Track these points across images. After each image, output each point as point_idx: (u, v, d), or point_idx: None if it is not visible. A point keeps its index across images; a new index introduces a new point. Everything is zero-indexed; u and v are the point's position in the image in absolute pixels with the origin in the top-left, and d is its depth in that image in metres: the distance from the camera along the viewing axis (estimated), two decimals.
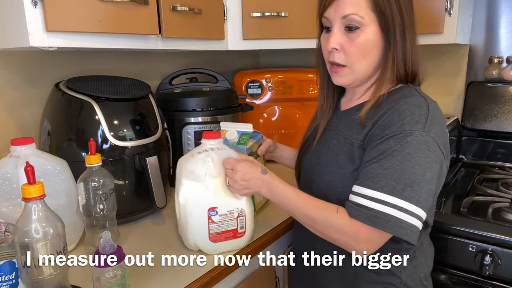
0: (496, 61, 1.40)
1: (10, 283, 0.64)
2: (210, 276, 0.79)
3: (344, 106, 0.89)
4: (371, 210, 0.69)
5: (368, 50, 0.77)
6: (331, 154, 0.82)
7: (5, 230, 0.72)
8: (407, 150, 0.69)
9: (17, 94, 1.08)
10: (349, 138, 0.80)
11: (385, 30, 0.76)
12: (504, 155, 1.41)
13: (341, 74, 0.81)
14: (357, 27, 0.76)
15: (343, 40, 0.77)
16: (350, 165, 0.78)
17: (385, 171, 0.69)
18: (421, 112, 0.72)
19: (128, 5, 0.91)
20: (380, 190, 0.69)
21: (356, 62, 0.78)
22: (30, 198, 0.63)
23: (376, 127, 0.74)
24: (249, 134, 1.02)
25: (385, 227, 0.68)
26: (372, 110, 0.78)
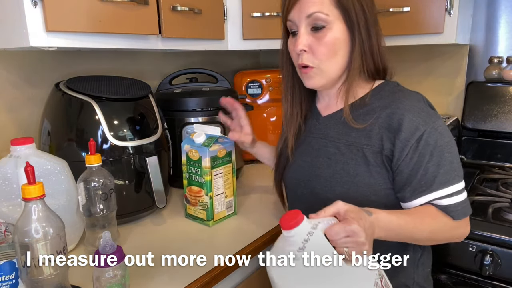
0: (496, 61, 1.40)
1: (10, 283, 0.65)
2: (210, 276, 0.79)
3: (325, 111, 0.87)
4: (462, 202, 0.74)
5: (336, 48, 0.77)
6: (335, 164, 0.80)
7: (5, 230, 0.72)
8: (445, 139, 0.74)
9: (17, 94, 1.08)
10: (354, 144, 0.78)
11: (350, 27, 0.76)
12: (504, 155, 1.41)
13: (311, 75, 0.79)
14: (323, 25, 0.75)
15: (311, 40, 0.77)
16: (364, 172, 0.77)
17: (445, 167, 0.73)
18: (424, 103, 0.77)
19: (128, 5, 0.91)
20: (452, 184, 0.74)
21: (325, 62, 0.77)
22: (30, 198, 0.63)
23: (396, 131, 0.74)
24: (215, 137, 1.03)
25: (470, 209, 0.77)
26: (364, 110, 0.78)
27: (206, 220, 1.03)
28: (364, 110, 0.79)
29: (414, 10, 1.19)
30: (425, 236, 0.76)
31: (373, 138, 0.76)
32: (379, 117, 0.76)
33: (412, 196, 0.75)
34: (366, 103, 0.79)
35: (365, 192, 0.76)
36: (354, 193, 0.77)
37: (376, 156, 0.76)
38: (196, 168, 1.02)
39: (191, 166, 1.03)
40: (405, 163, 0.74)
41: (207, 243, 0.95)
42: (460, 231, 0.78)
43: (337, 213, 0.63)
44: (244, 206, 1.15)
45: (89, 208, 0.87)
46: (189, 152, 1.03)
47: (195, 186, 1.03)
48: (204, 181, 1.01)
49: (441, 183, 0.73)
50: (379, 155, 0.76)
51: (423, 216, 0.74)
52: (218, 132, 1.03)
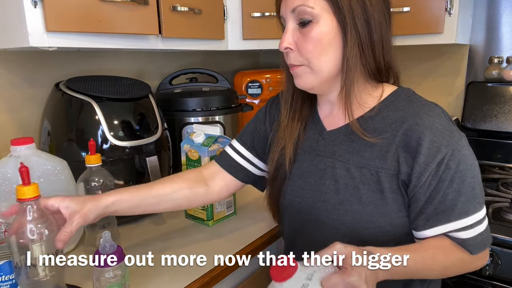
0: (496, 61, 1.40)
1: (10, 283, 0.64)
2: (210, 276, 0.79)
3: (329, 123, 0.76)
4: (481, 234, 0.66)
5: (324, 44, 0.67)
6: (345, 189, 0.70)
7: (5, 230, 0.72)
8: (468, 162, 0.65)
9: (17, 94, 1.08)
10: (367, 167, 0.68)
11: (341, 20, 0.66)
12: (504, 155, 1.41)
13: (299, 72, 0.70)
14: (309, 20, 0.66)
15: (297, 37, 0.68)
16: (379, 200, 0.67)
17: (466, 194, 0.64)
18: (446, 119, 0.67)
19: (128, 5, 0.91)
20: (472, 213, 0.65)
21: (314, 60, 0.68)
22: (25, 199, 0.62)
23: (415, 152, 0.64)
24: (214, 137, 1.03)
25: (490, 238, 0.68)
26: (376, 122, 0.69)
27: (206, 220, 1.02)
28: (376, 122, 0.69)
29: (414, 10, 1.19)
30: (436, 274, 0.68)
31: (388, 160, 0.67)
32: (396, 135, 0.66)
33: (425, 225, 0.66)
34: (381, 116, 0.69)
35: (379, 222, 0.67)
36: (366, 223, 0.68)
37: (392, 181, 0.66)
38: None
39: (190, 166, 1.03)
40: (422, 190, 0.65)
41: (207, 243, 0.95)
42: (476, 264, 0.69)
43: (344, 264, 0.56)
44: (244, 206, 1.15)
45: None
46: (189, 152, 1.03)
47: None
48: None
49: (460, 213, 0.64)
50: (395, 178, 0.66)
51: (435, 253, 0.65)
52: (218, 131, 1.03)
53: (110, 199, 0.75)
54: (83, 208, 0.70)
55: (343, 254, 0.56)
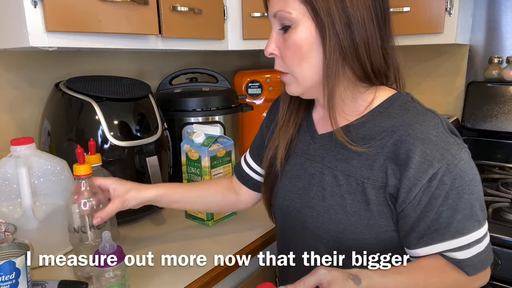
0: (496, 61, 1.40)
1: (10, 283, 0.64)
2: (210, 276, 0.79)
3: (322, 126, 0.74)
4: (479, 255, 0.61)
5: (303, 51, 0.63)
6: (331, 197, 0.67)
7: (5, 230, 0.72)
8: (467, 178, 0.60)
9: (17, 94, 1.08)
10: (354, 175, 0.65)
11: (319, 25, 0.62)
12: (504, 155, 1.41)
13: (286, 80, 0.69)
14: (289, 25, 0.64)
15: (280, 43, 0.66)
16: (363, 211, 0.64)
17: (463, 212, 0.60)
18: (443, 130, 0.62)
19: (128, 5, 0.91)
20: (470, 232, 0.60)
21: (295, 67, 0.65)
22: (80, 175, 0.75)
23: (404, 165, 0.60)
24: (215, 137, 1.02)
25: (491, 257, 0.64)
26: (367, 129, 0.66)
27: (206, 220, 1.02)
28: (366, 129, 0.66)
29: (414, 10, 1.19)
30: None
31: (375, 170, 0.63)
32: (385, 144, 0.63)
33: (419, 243, 0.62)
34: (372, 123, 0.65)
35: (364, 234, 0.64)
36: (350, 234, 0.65)
37: (378, 193, 0.63)
38: (196, 168, 1.02)
39: (190, 166, 1.03)
40: (411, 206, 0.61)
41: (207, 243, 0.95)
42: (475, 284, 0.65)
43: (319, 283, 0.56)
44: None
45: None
46: (189, 152, 1.03)
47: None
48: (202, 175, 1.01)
49: (456, 231, 0.60)
50: (382, 191, 0.63)
51: (428, 276, 0.62)
52: (218, 132, 1.03)
53: (154, 193, 0.82)
54: (126, 195, 0.79)
55: (327, 280, 0.55)
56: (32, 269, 0.69)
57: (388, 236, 0.64)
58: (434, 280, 0.62)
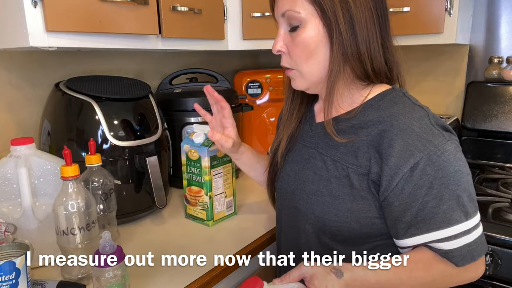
0: (496, 61, 1.40)
1: (10, 283, 0.64)
2: (210, 276, 0.79)
3: (319, 117, 0.79)
4: (468, 245, 0.62)
5: (311, 48, 0.68)
6: (319, 180, 0.71)
7: (5, 230, 0.72)
8: (450, 169, 0.61)
9: (17, 94, 1.08)
10: (340, 161, 0.69)
11: (327, 24, 0.66)
12: (504, 155, 1.41)
13: (292, 76, 0.74)
14: (297, 24, 0.68)
15: (288, 41, 0.71)
16: (347, 195, 0.67)
17: (449, 202, 0.61)
18: (428, 122, 0.64)
19: (128, 5, 0.91)
20: (456, 223, 0.61)
21: (302, 64, 0.70)
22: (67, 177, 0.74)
23: (386, 154, 0.62)
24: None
25: (484, 249, 0.64)
26: (356, 121, 0.69)
27: (206, 220, 1.03)
28: (356, 121, 0.69)
29: (414, 10, 1.19)
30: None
31: (359, 158, 0.66)
32: (370, 134, 0.66)
33: (406, 233, 0.64)
34: (362, 114, 0.69)
35: (345, 218, 0.67)
36: (333, 217, 0.68)
37: (361, 179, 0.66)
38: (196, 168, 1.02)
39: (190, 166, 1.03)
40: (394, 194, 0.63)
41: (207, 243, 0.95)
42: (467, 276, 0.65)
43: (303, 277, 0.59)
44: (244, 206, 1.15)
45: None
46: (189, 152, 1.03)
47: (195, 186, 1.03)
48: (203, 181, 1.01)
49: (442, 221, 0.61)
50: (365, 178, 0.65)
51: (413, 268, 0.63)
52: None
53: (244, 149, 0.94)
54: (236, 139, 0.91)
55: (309, 274, 0.58)
56: (32, 269, 0.70)
57: (370, 222, 0.67)
58: (419, 273, 0.63)
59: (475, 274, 0.66)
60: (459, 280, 0.66)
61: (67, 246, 0.75)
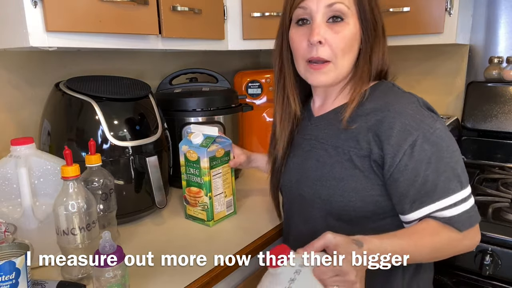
0: (496, 61, 1.40)
1: (10, 283, 0.64)
2: (210, 276, 0.79)
3: (319, 111, 0.84)
4: (467, 212, 0.68)
5: (351, 44, 0.74)
6: (322, 167, 0.77)
7: (5, 230, 0.72)
8: (444, 144, 0.69)
9: (17, 94, 1.08)
10: (341, 147, 0.75)
11: (363, 24, 0.74)
12: (504, 155, 1.41)
13: (325, 71, 0.75)
14: (342, 18, 0.73)
15: (328, 32, 0.73)
16: (350, 177, 0.73)
17: (445, 173, 0.68)
18: (419, 105, 0.71)
19: (128, 5, 0.91)
20: (454, 192, 0.68)
21: (341, 57, 0.74)
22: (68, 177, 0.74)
23: (387, 136, 0.69)
24: (213, 138, 1.01)
25: (478, 217, 0.71)
26: (357, 111, 0.75)
27: (206, 221, 1.02)
28: (357, 111, 0.75)
29: (414, 10, 1.19)
30: (426, 257, 0.71)
31: (360, 142, 0.72)
32: (368, 120, 0.72)
33: (412, 208, 0.69)
34: (359, 105, 0.75)
35: (350, 197, 0.73)
36: (339, 197, 0.74)
37: (363, 161, 0.72)
38: (195, 169, 1.01)
39: (189, 167, 1.03)
40: (398, 170, 0.69)
41: (207, 243, 0.95)
42: (466, 243, 0.71)
43: (326, 246, 0.61)
44: (244, 206, 1.15)
45: None
46: (187, 153, 1.02)
47: (194, 187, 1.03)
48: (203, 182, 1.00)
49: (442, 192, 0.67)
50: (367, 159, 0.72)
51: (422, 236, 0.68)
52: (216, 132, 1.02)
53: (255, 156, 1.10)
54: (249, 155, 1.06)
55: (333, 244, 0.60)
56: (32, 269, 0.70)
57: (374, 200, 0.73)
58: (428, 238, 0.68)
59: (473, 242, 0.72)
60: (462, 247, 0.71)
61: (67, 246, 0.75)
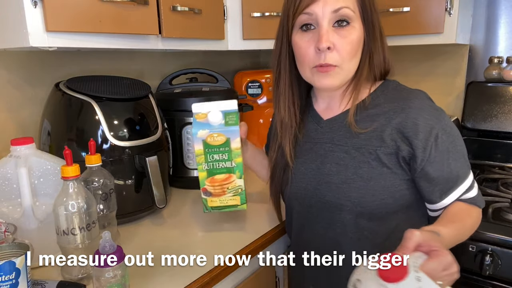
0: (496, 61, 1.40)
1: (10, 283, 0.64)
2: (210, 276, 0.79)
3: (326, 114, 0.84)
4: (478, 191, 0.77)
5: (357, 48, 0.75)
6: (345, 169, 0.77)
7: (5, 230, 0.72)
8: (455, 133, 0.75)
9: (17, 94, 1.08)
10: (365, 147, 0.76)
11: (366, 26, 0.76)
12: (504, 155, 1.41)
13: (331, 74, 0.75)
14: (348, 22, 0.73)
15: (335, 37, 0.73)
16: (379, 175, 0.74)
17: (461, 159, 0.75)
18: (430, 100, 0.77)
19: (128, 5, 0.91)
20: (468, 175, 0.76)
21: (348, 61, 0.75)
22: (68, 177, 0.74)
23: (414, 132, 0.72)
24: (236, 112, 0.85)
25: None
26: (371, 111, 0.77)
27: (240, 205, 0.90)
28: (371, 111, 0.77)
29: (414, 10, 1.19)
30: (467, 237, 0.75)
31: (386, 140, 0.74)
32: (390, 118, 0.74)
33: (442, 196, 0.74)
34: (374, 104, 0.77)
35: (382, 195, 0.74)
36: (370, 197, 0.75)
37: (390, 158, 0.74)
38: (222, 154, 0.84)
39: (212, 154, 0.84)
40: (429, 163, 0.72)
41: (207, 243, 0.95)
42: (480, 219, 0.78)
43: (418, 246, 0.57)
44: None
45: None
46: (208, 137, 0.83)
47: (221, 174, 0.86)
48: (235, 165, 0.85)
49: (462, 177, 0.74)
50: (394, 156, 0.74)
51: (463, 217, 0.74)
52: (235, 105, 0.86)
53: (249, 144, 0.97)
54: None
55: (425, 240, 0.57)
56: (32, 269, 0.70)
57: (402, 194, 0.75)
58: (468, 219, 0.74)
59: (480, 219, 0.78)
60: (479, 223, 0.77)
61: (67, 246, 0.75)
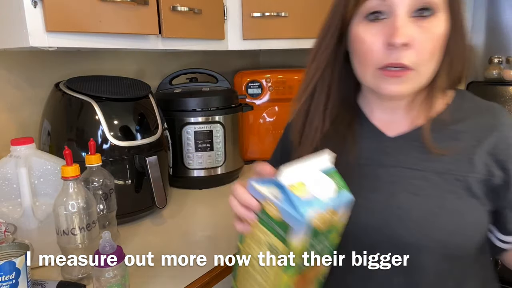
0: (496, 61, 1.40)
1: (10, 283, 0.64)
2: (210, 276, 0.79)
3: (390, 129, 0.65)
4: None
5: (441, 46, 0.58)
6: (426, 201, 0.59)
7: (5, 230, 0.72)
8: None
9: (17, 94, 1.08)
10: (450, 172, 0.59)
11: (452, 20, 0.58)
12: None
13: (404, 79, 0.57)
14: (432, 13, 0.55)
15: (415, 31, 0.55)
16: (468, 208, 0.59)
17: None
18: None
19: (128, 5, 0.91)
20: None
21: (427, 63, 0.57)
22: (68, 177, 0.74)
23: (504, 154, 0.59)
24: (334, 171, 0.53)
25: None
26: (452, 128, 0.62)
27: None
28: (453, 128, 0.62)
29: None
30: None
31: (477, 164, 0.59)
32: (480, 137, 0.60)
33: None
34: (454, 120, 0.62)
35: (472, 233, 0.59)
36: (461, 236, 0.59)
37: (481, 186, 0.59)
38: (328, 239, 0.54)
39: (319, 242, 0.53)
40: None
41: (207, 243, 0.95)
42: None
43: None
44: None
45: None
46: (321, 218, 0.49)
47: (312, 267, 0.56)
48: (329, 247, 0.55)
49: None
50: (484, 184, 0.59)
51: None
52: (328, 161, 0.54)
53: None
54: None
55: None
56: (32, 269, 0.70)
57: (486, 230, 0.62)
58: None
59: None
60: None
61: (67, 246, 0.75)
